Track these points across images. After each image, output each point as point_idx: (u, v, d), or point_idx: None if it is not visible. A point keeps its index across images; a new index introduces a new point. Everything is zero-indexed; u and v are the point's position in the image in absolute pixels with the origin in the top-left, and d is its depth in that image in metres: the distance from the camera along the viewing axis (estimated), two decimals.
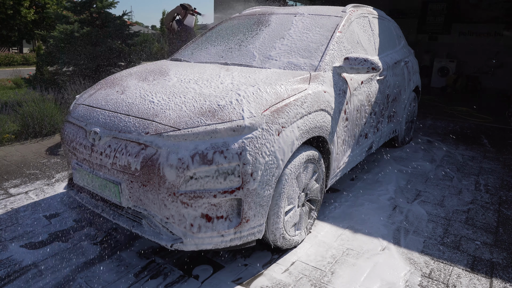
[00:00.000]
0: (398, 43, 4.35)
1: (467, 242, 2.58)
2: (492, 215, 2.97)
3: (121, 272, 2.19)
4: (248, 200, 1.97)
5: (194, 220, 1.95)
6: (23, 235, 2.56)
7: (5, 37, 23.03)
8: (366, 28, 3.51)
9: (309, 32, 3.00)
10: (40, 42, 10.07)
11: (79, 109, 2.44)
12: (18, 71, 12.98)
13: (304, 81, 2.46)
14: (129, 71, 2.91)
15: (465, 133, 5.50)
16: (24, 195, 3.18)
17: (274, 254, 2.38)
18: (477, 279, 2.21)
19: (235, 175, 1.91)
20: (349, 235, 2.63)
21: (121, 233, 2.60)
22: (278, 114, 2.11)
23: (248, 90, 2.18)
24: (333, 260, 2.34)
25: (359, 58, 2.64)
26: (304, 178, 2.39)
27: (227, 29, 3.48)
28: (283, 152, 2.09)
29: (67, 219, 2.78)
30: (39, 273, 2.18)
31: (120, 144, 2.04)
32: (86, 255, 2.35)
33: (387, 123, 3.81)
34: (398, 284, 2.13)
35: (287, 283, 2.12)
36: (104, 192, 2.17)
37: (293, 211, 2.34)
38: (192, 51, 3.39)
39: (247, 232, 2.06)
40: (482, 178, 3.73)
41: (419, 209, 3.03)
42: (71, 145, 2.34)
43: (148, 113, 2.08)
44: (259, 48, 2.96)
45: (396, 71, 3.87)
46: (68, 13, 6.84)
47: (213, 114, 2.00)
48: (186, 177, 1.87)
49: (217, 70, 2.61)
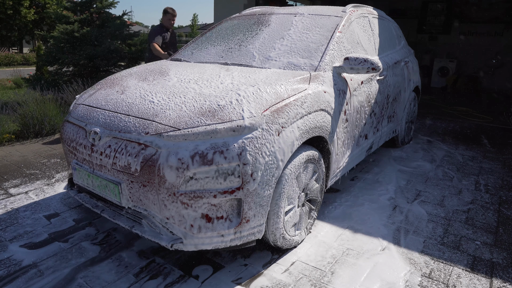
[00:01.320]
0: (398, 43, 4.35)
1: (467, 242, 2.58)
2: (492, 215, 2.97)
3: (121, 272, 2.19)
4: (248, 200, 1.97)
5: (194, 221, 1.95)
6: (23, 235, 2.56)
7: (5, 37, 23.05)
8: (366, 28, 3.51)
9: (309, 32, 3.00)
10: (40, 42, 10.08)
11: (79, 109, 2.44)
12: (18, 71, 12.97)
13: (304, 81, 2.46)
14: (129, 71, 2.91)
15: (465, 133, 5.50)
16: (24, 195, 3.18)
17: (274, 254, 2.38)
18: (477, 279, 2.21)
19: (235, 175, 1.91)
20: (349, 235, 2.63)
21: (121, 233, 2.60)
22: (278, 114, 2.11)
23: (248, 90, 2.18)
24: (333, 260, 2.34)
25: (359, 58, 2.64)
26: (304, 178, 2.39)
27: (227, 29, 3.48)
28: (283, 152, 2.09)
29: (67, 219, 2.78)
30: (39, 273, 2.18)
31: (120, 144, 2.04)
32: (86, 255, 2.35)
33: (387, 123, 3.81)
34: (398, 284, 2.13)
35: (287, 283, 2.12)
36: (104, 192, 2.17)
37: (293, 211, 2.34)
38: (192, 51, 3.39)
39: (247, 232, 2.06)
40: (482, 178, 3.73)
41: (419, 209, 3.03)
42: (71, 145, 2.34)
43: (148, 113, 2.08)
44: (259, 48, 2.96)
45: (396, 71, 3.87)
46: (68, 13, 6.84)
47: (213, 114, 2.00)
48: (186, 177, 1.87)
49: (217, 70, 2.61)
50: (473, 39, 10.14)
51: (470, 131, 5.64)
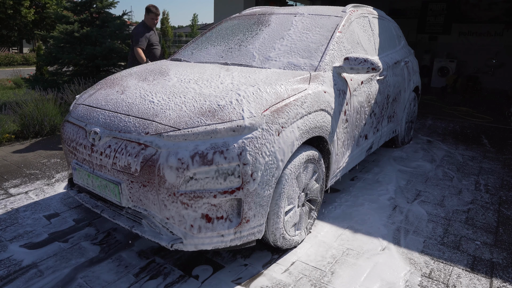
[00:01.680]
0: (398, 43, 4.35)
1: (467, 242, 2.58)
2: (492, 215, 2.97)
3: (121, 272, 2.19)
4: (248, 200, 1.97)
5: (194, 221, 1.95)
6: (23, 235, 2.56)
7: (5, 37, 23.06)
8: (366, 28, 3.51)
9: (309, 32, 3.00)
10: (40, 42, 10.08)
11: (79, 109, 2.44)
12: (18, 71, 12.97)
13: (304, 81, 2.46)
14: (129, 71, 2.91)
15: (465, 133, 5.50)
16: (24, 195, 3.18)
17: (274, 254, 2.38)
18: (477, 279, 2.21)
19: (235, 176, 1.91)
20: (349, 235, 2.63)
21: (121, 233, 2.60)
22: (278, 114, 2.11)
23: (248, 90, 2.18)
24: (333, 260, 2.34)
25: (359, 58, 2.64)
26: (304, 178, 2.39)
27: (227, 29, 3.48)
28: (283, 152, 2.09)
29: (67, 219, 2.78)
30: (39, 273, 2.18)
31: (120, 144, 2.04)
32: (86, 255, 2.35)
33: (387, 123, 3.81)
34: (398, 284, 2.13)
35: (287, 283, 2.12)
36: (104, 192, 2.17)
37: (293, 211, 2.34)
38: (192, 51, 3.39)
39: (247, 232, 2.06)
40: (482, 178, 3.73)
41: (419, 209, 3.03)
42: (71, 145, 2.34)
43: (148, 113, 2.08)
44: (259, 48, 2.96)
45: (396, 71, 3.87)
46: (68, 13, 6.84)
47: (213, 114, 2.00)
48: (186, 177, 1.87)
49: (217, 70, 2.61)
50: (473, 39, 10.14)
51: (470, 131, 5.64)
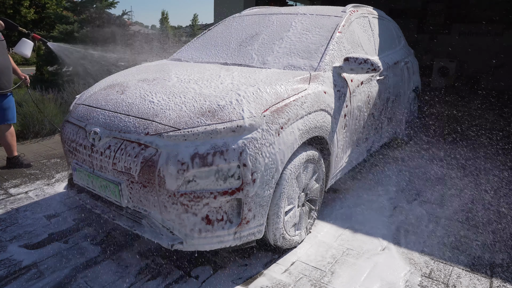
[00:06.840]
0: (398, 43, 4.35)
1: (467, 242, 2.58)
2: (492, 215, 2.97)
3: (121, 272, 2.19)
4: (248, 200, 1.97)
5: (194, 221, 1.95)
6: (23, 235, 2.56)
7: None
8: (366, 28, 3.50)
9: (309, 32, 3.00)
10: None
11: (79, 109, 2.44)
12: None
13: (304, 81, 2.46)
14: (129, 71, 2.91)
15: (465, 133, 5.50)
16: (24, 195, 3.18)
17: (274, 254, 2.38)
18: (477, 279, 2.21)
19: (235, 176, 1.91)
20: (349, 235, 2.63)
21: (121, 233, 2.60)
22: (278, 114, 2.11)
23: (248, 90, 2.18)
24: (333, 260, 2.34)
25: (359, 58, 2.64)
26: (304, 178, 2.39)
27: (227, 29, 3.48)
28: (283, 152, 2.09)
29: (67, 219, 2.77)
30: (39, 273, 2.18)
31: (120, 144, 2.04)
32: (86, 255, 2.35)
33: (387, 124, 3.81)
34: (398, 284, 2.13)
35: (287, 283, 2.12)
36: (104, 192, 2.17)
37: (293, 211, 2.34)
38: (192, 51, 3.39)
39: (247, 232, 2.06)
40: (482, 178, 3.73)
41: (419, 209, 3.03)
42: (71, 145, 2.34)
43: (148, 113, 2.08)
44: (259, 48, 2.96)
45: (396, 71, 3.87)
46: (68, 13, 6.85)
47: (213, 114, 1.99)
48: (186, 177, 1.87)
49: (217, 70, 2.61)
50: (473, 39, 10.14)
51: (471, 131, 5.64)
